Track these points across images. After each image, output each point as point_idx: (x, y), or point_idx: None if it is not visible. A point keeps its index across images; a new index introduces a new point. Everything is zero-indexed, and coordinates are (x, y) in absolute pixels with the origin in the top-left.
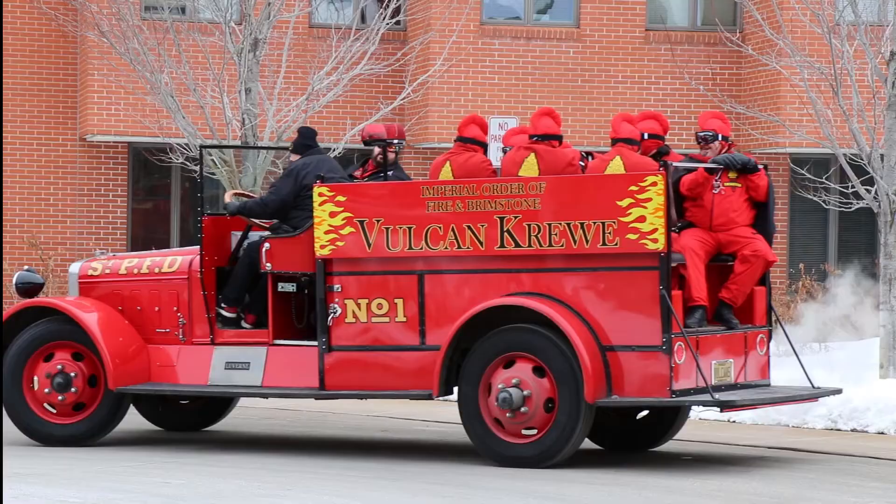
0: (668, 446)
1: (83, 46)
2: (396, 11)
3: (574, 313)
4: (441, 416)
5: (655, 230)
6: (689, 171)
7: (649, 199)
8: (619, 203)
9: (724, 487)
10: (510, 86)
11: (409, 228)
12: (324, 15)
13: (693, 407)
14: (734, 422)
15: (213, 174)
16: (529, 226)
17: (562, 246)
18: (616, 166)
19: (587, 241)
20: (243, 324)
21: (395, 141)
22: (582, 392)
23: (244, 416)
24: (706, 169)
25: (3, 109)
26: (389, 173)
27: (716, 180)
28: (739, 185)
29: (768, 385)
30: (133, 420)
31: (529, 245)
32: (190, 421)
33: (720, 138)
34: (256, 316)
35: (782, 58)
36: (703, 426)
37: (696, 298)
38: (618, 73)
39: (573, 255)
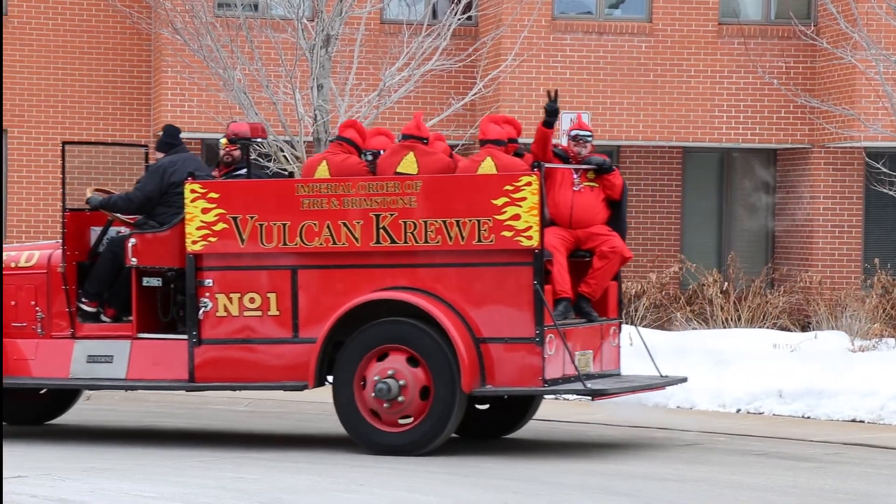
0: (734, 443)
1: (157, 44)
2: (468, 7)
3: (449, 307)
4: None
5: (530, 228)
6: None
7: (524, 199)
8: (494, 202)
9: (798, 484)
10: (581, 81)
11: (284, 225)
12: (395, 11)
13: (760, 407)
14: (808, 417)
15: (286, 170)
16: (405, 223)
17: (437, 242)
18: (488, 167)
19: (463, 238)
20: (103, 318)
21: (257, 140)
22: (457, 382)
23: (315, 412)
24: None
25: (79, 107)
26: (243, 171)
27: (576, 179)
28: (597, 186)
29: (619, 374)
30: (201, 415)
31: (405, 242)
32: (31, 414)
33: (590, 139)
34: (116, 310)
35: (857, 51)
36: (776, 422)
37: (561, 292)
38: (690, 67)
39: (449, 251)
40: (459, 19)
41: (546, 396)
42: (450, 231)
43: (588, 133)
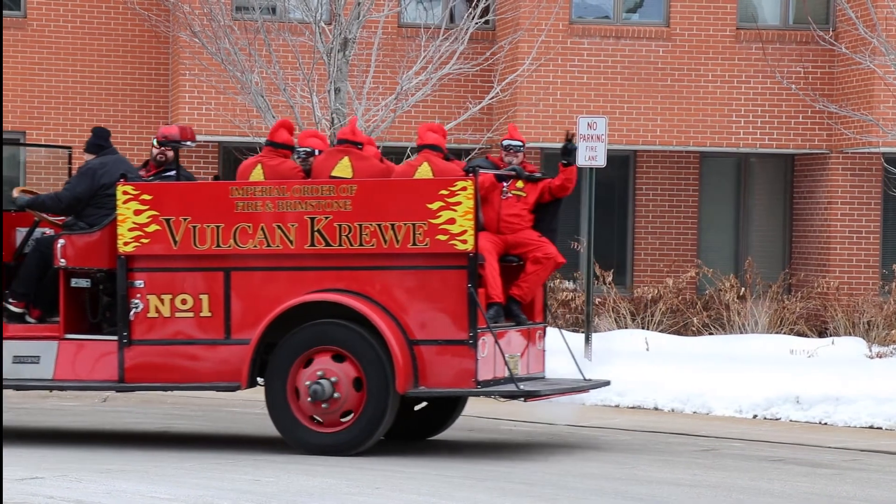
0: (751, 449)
1: (175, 47)
2: (485, 11)
3: (382, 309)
4: (528, 415)
5: (465, 232)
6: (502, 177)
7: (459, 203)
8: (429, 206)
9: (815, 490)
10: (599, 85)
11: (218, 227)
12: (413, 14)
13: (777, 411)
14: (825, 424)
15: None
16: (340, 226)
17: (372, 246)
18: (424, 171)
19: (398, 242)
20: (28, 318)
21: (185, 143)
22: (391, 383)
23: None
24: (498, 176)
25: (97, 109)
26: (172, 172)
27: (504, 187)
28: (524, 195)
29: (544, 377)
30: (218, 417)
31: (340, 244)
32: None
33: (521, 149)
34: (42, 311)
35: (876, 56)
36: (793, 428)
37: (494, 296)
38: (708, 72)
39: (384, 254)
40: (477, 23)
41: (548, 401)
42: (385, 234)
43: (519, 143)
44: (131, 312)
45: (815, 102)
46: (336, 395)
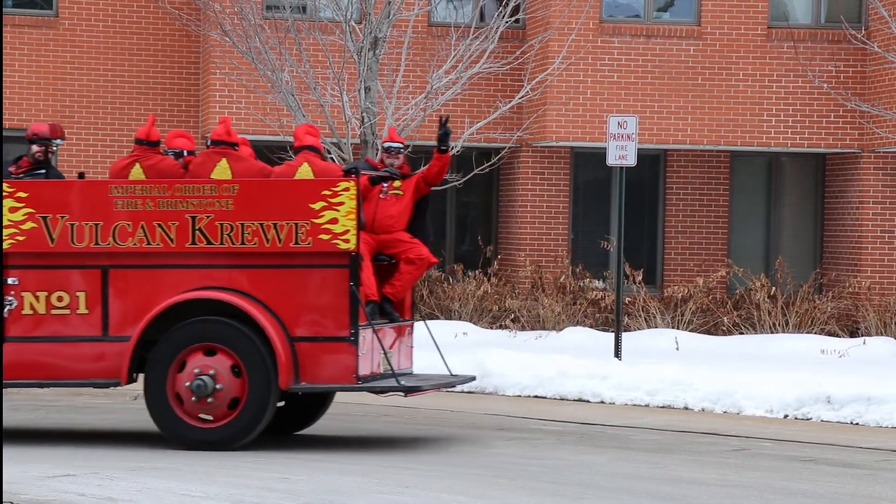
0: (781, 449)
1: (206, 46)
2: (516, 10)
3: (264, 306)
4: (559, 415)
5: (347, 231)
6: (383, 178)
7: (342, 203)
8: (312, 206)
9: (846, 490)
10: (629, 84)
11: (96, 225)
12: (443, 13)
13: (808, 411)
14: (856, 424)
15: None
16: (222, 225)
17: (254, 244)
18: (305, 172)
19: (280, 241)
20: None
21: (55, 140)
22: (272, 379)
23: (361, 413)
24: (371, 178)
25: (128, 108)
26: (42, 171)
27: (384, 187)
28: (402, 194)
29: (412, 373)
30: None
31: (222, 243)
32: None
33: (402, 151)
34: None
35: None
36: (825, 428)
37: (370, 295)
38: (739, 71)
39: (266, 252)
40: (507, 22)
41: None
42: (267, 233)
43: (400, 145)
44: (5, 310)
45: (846, 101)
46: (215, 395)
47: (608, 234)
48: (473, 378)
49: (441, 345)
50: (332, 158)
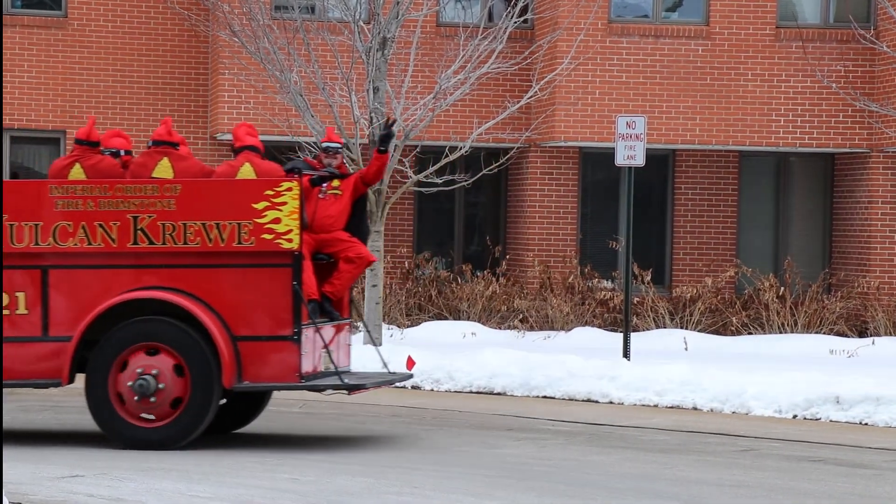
0: (791, 449)
1: (214, 46)
2: (524, 10)
3: (206, 306)
4: (568, 415)
5: (290, 231)
6: (323, 178)
7: (285, 203)
8: (255, 205)
9: (855, 491)
10: (638, 84)
11: (36, 225)
12: (451, 14)
13: (823, 409)
14: (865, 424)
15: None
16: (164, 225)
17: (197, 244)
18: (247, 171)
19: (223, 240)
20: None
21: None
22: (215, 378)
23: (370, 414)
24: (312, 179)
25: (137, 108)
26: None
27: (323, 187)
28: (341, 194)
29: (349, 370)
30: (262, 416)
31: (164, 243)
32: None
33: (340, 151)
34: None
35: None
36: (833, 428)
37: (311, 294)
38: (747, 70)
39: (208, 252)
40: (515, 22)
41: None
42: (209, 233)
43: (338, 145)
44: None
45: (855, 101)
46: (158, 394)
47: (617, 234)
48: (411, 375)
49: (450, 345)
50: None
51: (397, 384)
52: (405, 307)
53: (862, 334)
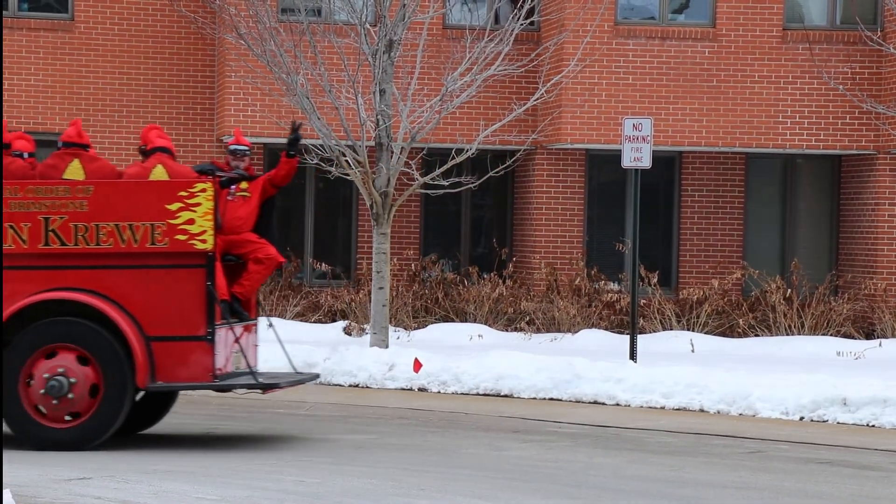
0: (797, 451)
1: (221, 49)
2: (530, 12)
3: (120, 307)
4: (574, 417)
5: (204, 232)
6: (232, 179)
7: (199, 204)
8: (168, 206)
9: (863, 493)
10: (644, 86)
11: None
12: (457, 16)
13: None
14: (872, 426)
15: (347, 175)
16: (76, 226)
17: (110, 245)
18: (159, 173)
19: (136, 241)
20: None
21: None
22: (128, 379)
23: (377, 416)
24: (221, 181)
25: (143, 111)
26: None
27: (231, 189)
28: (249, 195)
29: (257, 370)
30: (262, 418)
31: (76, 244)
32: None
33: (248, 154)
34: None
35: None
36: (840, 430)
37: (221, 294)
38: (754, 73)
39: (121, 253)
40: (522, 24)
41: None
42: (122, 234)
43: (245, 148)
44: None
45: (862, 103)
46: (71, 395)
47: (623, 236)
48: (318, 375)
49: (456, 347)
50: (347, 161)
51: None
52: (412, 309)
53: (869, 336)
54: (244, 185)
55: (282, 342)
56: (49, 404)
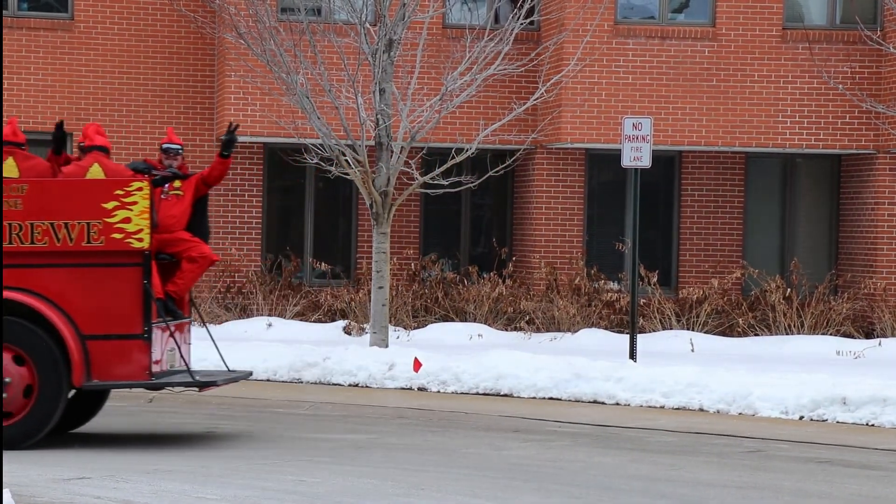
0: (797, 450)
1: (221, 48)
2: (530, 11)
3: (55, 305)
4: (574, 416)
5: (141, 230)
6: (166, 178)
7: (135, 203)
8: (104, 205)
9: (862, 492)
10: (644, 86)
11: None
12: (457, 15)
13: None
14: (872, 425)
15: (347, 174)
16: (11, 225)
17: (45, 244)
18: (96, 172)
19: (71, 240)
20: None
21: None
22: (64, 377)
23: (377, 416)
24: (156, 180)
25: (143, 111)
26: None
27: (165, 188)
28: (182, 194)
29: (191, 368)
30: (262, 418)
31: (10, 242)
32: None
33: (181, 152)
34: None
35: None
36: (840, 429)
37: (156, 293)
38: (754, 72)
39: (57, 252)
40: (522, 24)
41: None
42: (58, 233)
43: (178, 147)
44: None
45: (862, 102)
46: (4, 395)
47: (623, 235)
48: (251, 373)
49: (456, 347)
50: (347, 161)
51: (396, 385)
52: (411, 309)
53: (868, 335)
54: (177, 183)
55: (214, 340)
56: None
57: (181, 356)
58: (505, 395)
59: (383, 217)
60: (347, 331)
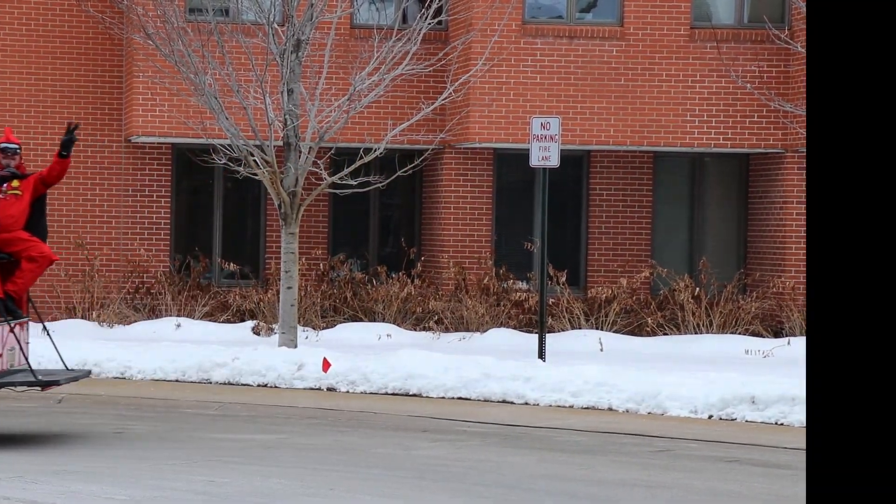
0: (707, 449)
1: (128, 49)
2: (438, 11)
3: None
4: (483, 416)
5: None
6: (4, 178)
7: None
8: None
9: (772, 490)
10: (552, 85)
11: None
12: (365, 16)
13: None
14: (781, 424)
15: (256, 175)
16: None
17: None
18: None
19: None
20: None
21: None
22: None
23: (286, 416)
24: None
25: (52, 112)
26: None
27: (3, 187)
28: (21, 194)
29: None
30: (171, 418)
31: None
32: None
33: (18, 152)
34: None
35: None
36: (749, 428)
37: None
38: (662, 71)
39: None
40: (430, 24)
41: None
42: None
43: (16, 146)
44: None
45: (770, 101)
46: None
47: (532, 235)
48: (90, 372)
49: (365, 346)
50: (255, 161)
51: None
52: (320, 309)
53: (777, 334)
54: (16, 183)
55: (52, 339)
56: None
57: (22, 355)
58: (414, 395)
59: (292, 217)
60: (256, 331)
